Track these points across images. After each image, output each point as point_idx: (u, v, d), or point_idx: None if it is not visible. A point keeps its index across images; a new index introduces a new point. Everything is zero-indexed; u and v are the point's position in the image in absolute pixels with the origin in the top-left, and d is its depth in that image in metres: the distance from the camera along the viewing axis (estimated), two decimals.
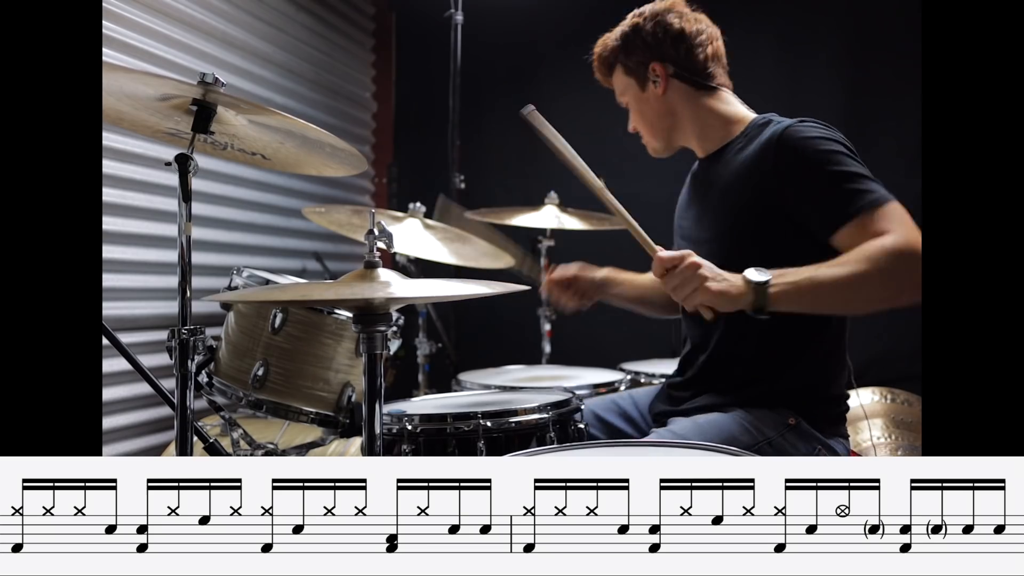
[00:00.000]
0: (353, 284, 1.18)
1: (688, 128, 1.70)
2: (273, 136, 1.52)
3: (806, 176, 1.45)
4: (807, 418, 1.53)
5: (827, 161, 1.44)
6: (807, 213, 1.46)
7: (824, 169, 1.44)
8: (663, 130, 1.72)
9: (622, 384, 2.31)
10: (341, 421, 1.70)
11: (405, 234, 2.34)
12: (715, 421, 1.53)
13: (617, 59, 1.73)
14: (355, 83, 3.98)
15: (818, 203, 1.44)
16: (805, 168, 1.46)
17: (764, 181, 1.50)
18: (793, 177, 1.47)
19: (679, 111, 1.69)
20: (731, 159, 1.60)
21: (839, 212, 1.40)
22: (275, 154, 1.60)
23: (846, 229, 1.39)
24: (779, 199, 1.48)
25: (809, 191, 1.45)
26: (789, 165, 1.47)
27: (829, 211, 1.42)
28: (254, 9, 3.18)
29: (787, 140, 1.48)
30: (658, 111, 1.70)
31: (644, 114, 1.73)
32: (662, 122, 1.71)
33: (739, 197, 1.56)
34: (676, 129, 1.71)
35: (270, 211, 3.32)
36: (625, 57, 1.71)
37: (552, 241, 2.76)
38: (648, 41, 1.67)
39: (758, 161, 1.52)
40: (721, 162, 1.64)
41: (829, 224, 1.41)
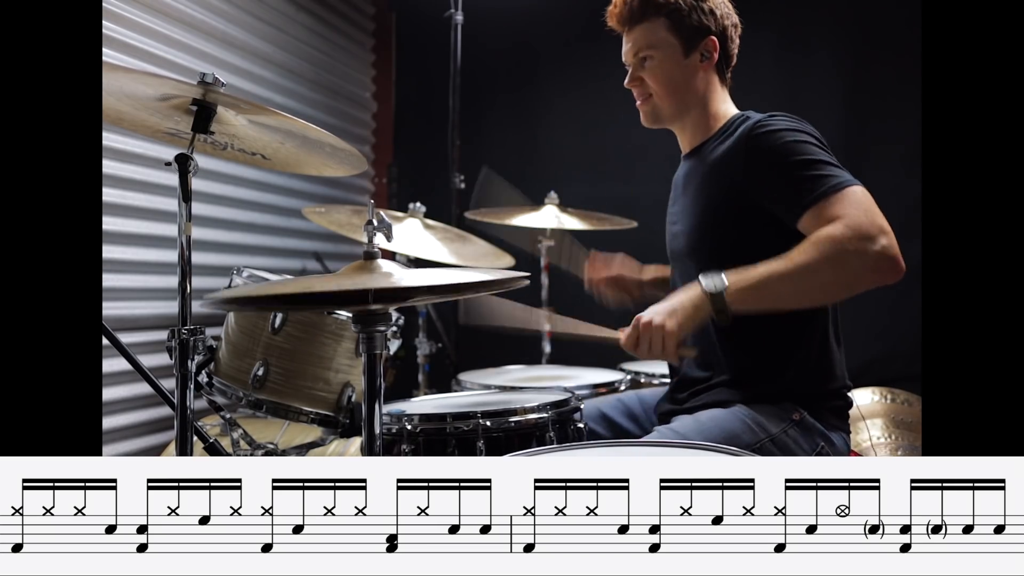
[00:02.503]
0: (353, 275, 1.17)
1: (694, 112, 1.69)
2: (273, 136, 1.52)
3: (772, 167, 1.49)
4: (810, 411, 1.54)
5: (791, 151, 1.48)
6: (775, 201, 1.50)
7: (789, 159, 1.47)
8: (678, 100, 1.68)
9: (622, 384, 2.31)
10: (341, 421, 1.70)
11: (405, 234, 2.34)
12: (717, 418, 1.54)
13: (669, 12, 1.64)
14: (355, 83, 3.98)
15: (783, 191, 1.48)
16: (771, 159, 1.49)
17: (736, 176, 1.54)
18: (761, 169, 1.51)
19: (702, 93, 1.68)
20: (707, 155, 1.64)
21: (801, 198, 1.44)
22: (275, 154, 1.60)
23: (807, 215, 1.43)
24: (750, 191, 1.52)
25: (775, 180, 1.49)
26: (757, 159, 1.51)
27: (793, 198, 1.45)
28: (254, 9, 3.17)
29: (755, 135, 1.52)
30: (687, 82, 1.66)
31: (671, 77, 1.65)
32: (685, 95, 1.67)
33: (713, 191, 1.59)
34: (685, 108, 1.69)
35: (270, 211, 3.32)
36: (685, 15, 1.63)
37: (552, 241, 2.76)
38: (716, 14, 1.66)
39: (731, 157, 1.56)
40: (699, 157, 1.67)
41: (793, 210, 1.45)
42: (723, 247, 1.56)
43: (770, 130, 1.51)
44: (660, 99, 1.68)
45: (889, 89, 3.25)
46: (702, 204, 1.62)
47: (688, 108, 1.69)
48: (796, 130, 1.51)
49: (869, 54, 3.36)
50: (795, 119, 1.54)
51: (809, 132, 1.52)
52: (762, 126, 1.52)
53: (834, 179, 1.42)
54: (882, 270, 1.37)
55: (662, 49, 1.65)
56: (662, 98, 1.67)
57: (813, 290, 1.43)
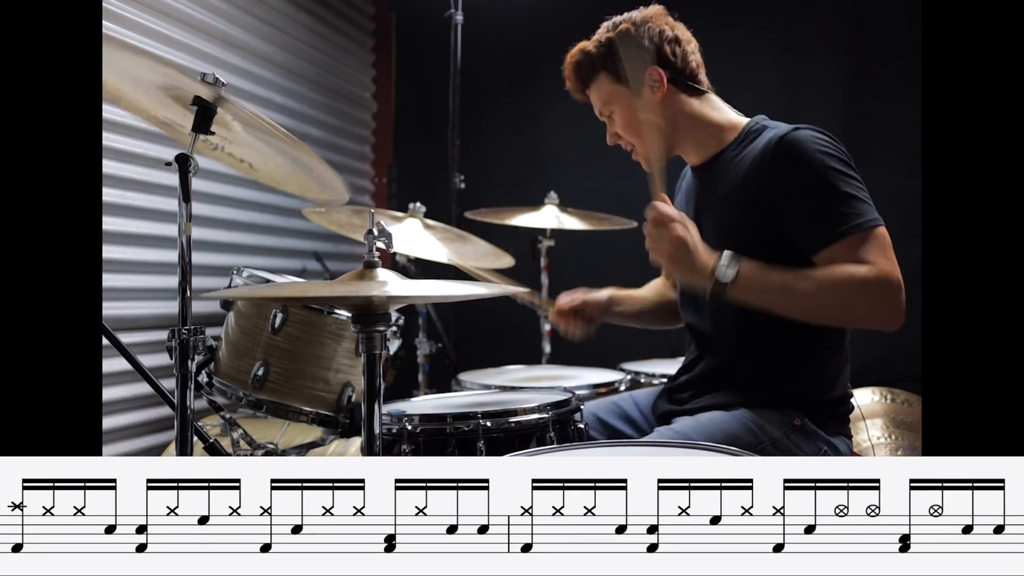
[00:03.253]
0: (351, 284, 1.18)
1: (683, 135, 1.66)
2: (264, 149, 1.52)
3: (798, 189, 1.47)
4: (813, 418, 1.54)
5: (820, 177, 1.44)
6: (795, 228, 1.47)
7: (816, 185, 1.45)
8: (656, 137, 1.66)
9: (622, 384, 2.31)
10: (341, 421, 1.69)
11: (405, 234, 2.34)
12: (718, 420, 1.53)
13: (604, 66, 1.67)
14: (355, 83, 3.98)
15: (807, 219, 1.46)
16: (798, 180, 1.46)
17: (761, 189, 1.50)
18: (787, 188, 1.48)
19: (675, 117, 1.65)
20: (727, 166, 1.60)
21: (824, 232, 1.43)
22: (262, 166, 1.60)
23: (828, 251, 1.43)
24: (775, 208, 1.49)
25: (799, 206, 1.47)
26: (784, 175, 1.47)
27: (815, 229, 1.44)
28: (254, 9, 3.18)
29: (783, 148, 1.48)
30: (654, 117, 1.64)
31: (635, 123, 1.66)
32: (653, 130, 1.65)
33: (738, 205, 1.55)
34: (672, 137, 1.67)
35: (270, 211, 3.32)
36: (614, 64, 1.65)
37: (552, 241, 2.76)
38: (644, 45, 1.64)
39: (756, 169, 1.52)
40: (716, 170, 1.62)
41: (814, 242, 1.44)
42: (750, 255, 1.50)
43: (800, 146, 1.47)
44: (640, 145, 1.69)
45: (889, 89, 3.25)
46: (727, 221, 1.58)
47: (674, 137, 1.66)
48: (824, 152, 1.46)
49: (869, 54, 3.36)
50: (824, 133, 1.50)
51: (836, 153, 1.47)
52: (792, 139, 1.48)
53: (861, 217, 1.41)
54: (887, 321, 1.40)
55: (616, 101, 1.68)
56: (640, 143, 1.68)
57: (812, 314, 1.45)
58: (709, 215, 1.64)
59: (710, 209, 1.64)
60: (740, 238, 1.52)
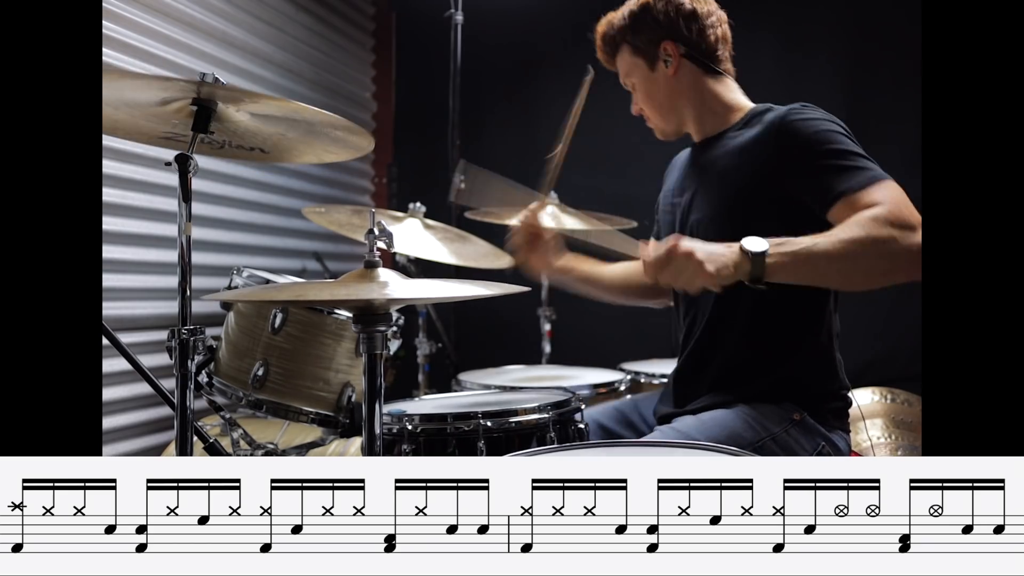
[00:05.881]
0: (352, 284, 1.18)
1: (691, 111, 1.70)
2: (275, 127, 1.51)
3: (804, 154, 1.48)
4: (811, 412, 1.55)
5: (825, 140, 1.47)
6: (804, 189, 1.48)
7: (821, 148, 1.47)
8: (672, 111, 1.72)
9: (622, 384, 2.31)
10: (341, 421, 1.70)
11: (405, 234, 2.34)
12: (719, 417, 1.54)
13: (624, 38, 1.71)
14: (355, 83, 3.98)
15: (815, 179, 1.47)
16: (804, 147, 1.49)
17: (765, 163, 1.53)
18: (792, 156, 1.50)
19: (687, 93, 1.69)
20: (729, 143, 1.63)
21: (834, 188, 1.43)
22: (275, 146, 1.59)
23: (840, 204, 1.41)
24: (778, 179, 1.51)
25: (806, 168, 1.48)
26: (789, 146, 1.50)
27: (825, 187, 1.44)
28: (254, 9, 3.18)
29: (788, 123, 1.52)
30: (668, 92, 1.69)
31: (653, 95, 1.72)
32: (671, 103, 1.71)
33: (738, 177, 1.57)
34: (682, 113, 1.71)
35: (270, 211, 3.32)
36: (634, 36, 1.69)
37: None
38: (660, 20, 1.66)
39: (759, 144, 1.55)
40: (718, 146, 1.65)
41: (824, 199, 1.44)
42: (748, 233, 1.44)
43: (804, 119, 1.51)
44: (653, 116, 1.74)
45: (889, 89, 3.25)
46: (726, 191, 1.60)
47: (684, 112, 1.70)
48: (827, 120, 1.51)
49: (869, 54, 3.36)
50: (824, 111, 1.55)
51: (838, 123, 1.52)
52: (795, 114, 1.52)
53: (870, 171, 1.43)
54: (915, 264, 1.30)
55: (635, 73, 1.72)
56: (654, 114, 1.74)
57: (855, 271, 1.36)
58: (707, 186, 1.65)
59: (707, 180, 1.66)
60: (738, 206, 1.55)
